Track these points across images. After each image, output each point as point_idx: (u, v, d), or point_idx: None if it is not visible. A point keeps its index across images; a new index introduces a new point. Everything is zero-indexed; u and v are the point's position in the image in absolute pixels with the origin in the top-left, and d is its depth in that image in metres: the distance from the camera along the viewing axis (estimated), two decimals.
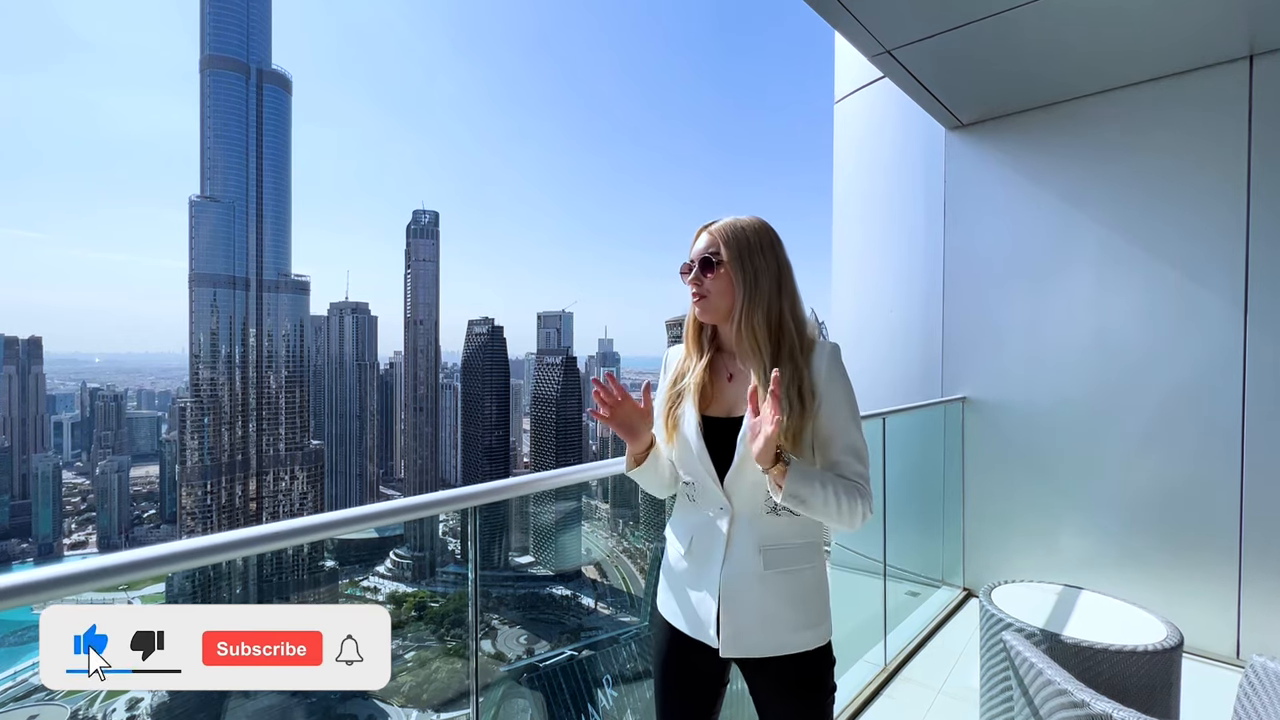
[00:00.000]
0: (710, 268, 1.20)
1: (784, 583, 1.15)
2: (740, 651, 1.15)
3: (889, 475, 2.93)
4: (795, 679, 1.16)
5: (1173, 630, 1.85)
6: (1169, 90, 2.91)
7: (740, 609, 1.14)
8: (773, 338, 1.16)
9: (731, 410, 1.21)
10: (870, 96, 4.08)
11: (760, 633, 1.14)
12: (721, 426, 1.19)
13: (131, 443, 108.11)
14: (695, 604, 1.19)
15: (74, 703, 38.01)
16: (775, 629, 1.14)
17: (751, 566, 1.14)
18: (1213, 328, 2.81)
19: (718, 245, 1.21)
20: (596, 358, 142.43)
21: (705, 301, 1.21)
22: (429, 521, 5.47)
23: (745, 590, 1.14)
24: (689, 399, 1.22)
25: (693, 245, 1.25)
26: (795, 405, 1.12)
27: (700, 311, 1.23)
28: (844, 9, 2.35)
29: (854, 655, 2.74)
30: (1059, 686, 1.31)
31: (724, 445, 1.18)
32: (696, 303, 1.23)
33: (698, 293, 1.22)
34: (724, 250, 1.19)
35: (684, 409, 1.23)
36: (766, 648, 1.14)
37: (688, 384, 1.24)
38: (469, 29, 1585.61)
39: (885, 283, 4.06)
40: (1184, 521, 2.87)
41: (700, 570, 1.19)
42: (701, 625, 1.18)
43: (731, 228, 1.20)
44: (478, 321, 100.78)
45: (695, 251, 1.23)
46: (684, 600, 1.22)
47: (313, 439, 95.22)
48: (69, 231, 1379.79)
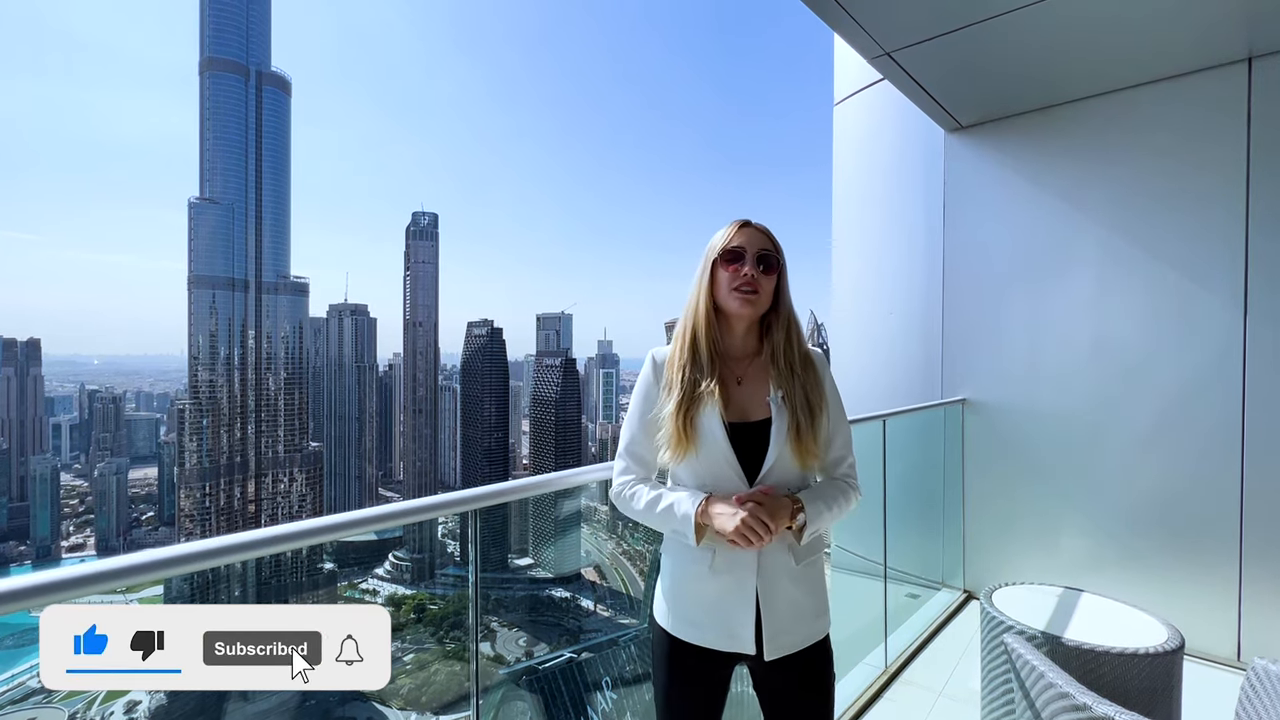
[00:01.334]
0: (768, 266, 1.21)
1: (806, 574, 1.20)
2: (780, 651, 1.16)
3: (889, 477, 2.93)
4: (812, 665, 1.19)
5: (1174, 632, 1.85)
6: (1168, 92, 2.91)
7: (778, 609, 1.16)
8: (798, 344, 1.24)
9: (747, 415, 1.21)
10: (870, 99, 4.09)
11: (794, 629, 1.17)
12: (743, 431, 1.19)
13: (130, 445, 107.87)
14: (729, 617, 1.16)
15: (72, 705, 37.81)
16: (804, 621, 1.18)
17: (784, 566, 1.17)
18: (1212, 329, 2.81)
19: (774, 246, 1.23)
20: (596, 359, 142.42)
21: (757, 298, 1.20)
22: (428, 524, 5.47)
23: (781, 590, 1.16)
24: (711, 406, 1.18)
25: (733, 235, 1.22)
26: (817, 406, 1.21)
27: (744, 305, 1.20)
28: (843, 11, 2.36)
29: (855, 658, 2.73)
30: (1061, 689, 1.31)
31: (748, 450, 1.18)
32: (747, 297, 1.19)
33: (752, 288, 1.19)
34: (779, 254, 1.23)
35: (705, 417, 1.18)
36: (798, 642, 1.18)
37: (706, 391, 1.19)
38: (469, 30, 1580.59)
39: (885, 285, 4.06)
40: (1184, 523, 2.87)
41: (732, 581, 1.16)
42: (736, 638, 1.16)
43: (771, 231, 1.24)
44: (477, 323, 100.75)
45: (750, 245, 1.21)
46: (713, 616, 1.18)
47: (312, 441, 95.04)
48: (68, 233, 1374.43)
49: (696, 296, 1.24)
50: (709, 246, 1.25)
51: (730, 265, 1.21)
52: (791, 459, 1.17)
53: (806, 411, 1.18)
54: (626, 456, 1.28)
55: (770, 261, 1.20)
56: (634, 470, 1.27)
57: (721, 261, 1.22)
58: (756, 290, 1.19)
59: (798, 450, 1.17)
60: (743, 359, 1.27)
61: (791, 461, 1.18)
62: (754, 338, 1.28)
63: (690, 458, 1.19)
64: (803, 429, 1.17)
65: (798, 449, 1.17)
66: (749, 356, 1.28)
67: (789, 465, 1.18)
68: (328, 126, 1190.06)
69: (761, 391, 1.22)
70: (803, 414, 1.18)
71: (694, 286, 1.25)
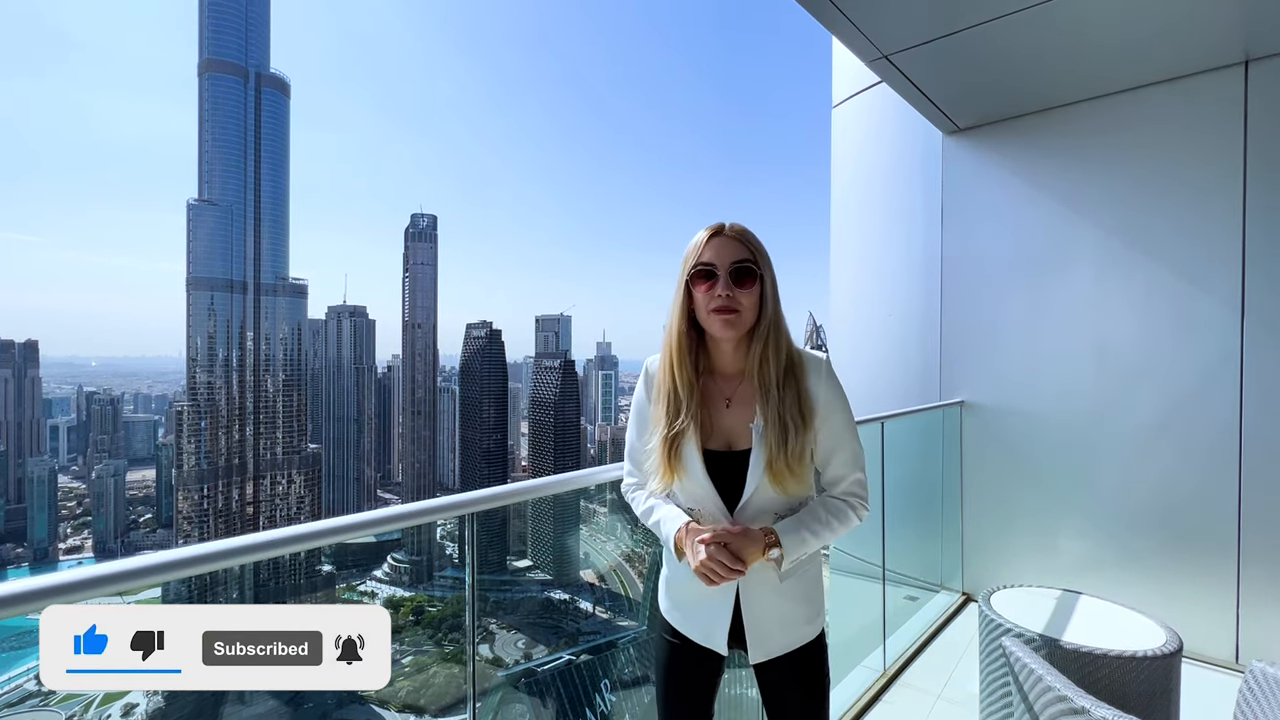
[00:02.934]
0: (745, 279, 1.09)
1: (795, 585, 1.18)
2: (766, 655, 1.17)
3: (887, 480, 2.93)
4: (804, 668, 1.19)
5: (1172, 635, 1.85)
6: (1166, 95, 2.92)
7: (762, 618, 1.16)
8: (783, 357, 1.13)
9: (731, 443, 1.16)
10: (868, 101, 4.10)
11: (780, 634, 1.17)
12: (724, 460, 1.15)
13: (128, 447, 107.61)
14: (705, 617, 1.19)
15: (69, 708, 37.71)
16: (791, 626, 1.18)
17: (767, 579, 1.15)
18: (1210, 331, 2.82)
19: (752, 254, 1.10)
20: (595, 361, 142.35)
21: (737, 318, 1.09)
22: (427, 526, 5.50)
23: (764, 601, 1.16)
24: (690, 437, 1.13)
25: (703, 249, 1.11)
26: (798, 425, 1.10)
27: (725, 328, 1.10)
28: (841, 14, 2.37)
29: (853, 660, 2.73)
30: (1059, 692, 1.31)
31: (729, 478, 1.14)
32: (726, 319, 1.09)
33: (729, 308, 1.08)
34: (759, 261, 1.11)
35: (685, 448, 1.14)
36: (785, 645, 1.17)
37: (685, 424, 1.13)
38: (468, 31, 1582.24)
39: (883, 287, 4.06)
40: (1182, 525, 2.87)
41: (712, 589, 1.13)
42: (711, 638, 1.18)
43: (752, 234, 1.13)
44: (476, 325, 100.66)
45: (721, 258, 1.09)
46: (698, 615, 1.20)
47: (310, 443, 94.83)
48: (66, 235, 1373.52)
49: (674, 317, 1.16)
50: (683, 258, 1.14)
51: (703, 284, 1.11)
52: (770, 488, 1.11)
53: (782, 438, 1.09)
54: (629, 461, 1.31)
55: (748, 272, 1.09)
56: (635, 474, 1.30)
57: (694, 280, 1.12)
58: (735, 309, 1.09)
59: (775, 481, 1.10)
60: (734, 377, 1.20)
61: (770, 490, 1.11)
62: (744, 352, 1.18)
63: (676, 485, 1.17)
64: (775, 460, 1.09)
65: (774, 478, 1.09)
66: (740, 374, 1.19)
67: (768, 494, 1.11)
68: (327, 128, 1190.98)
69: (749, 414, 1.15)
70: (776, 444, 1.09)
71: (673, 303, 1.16)
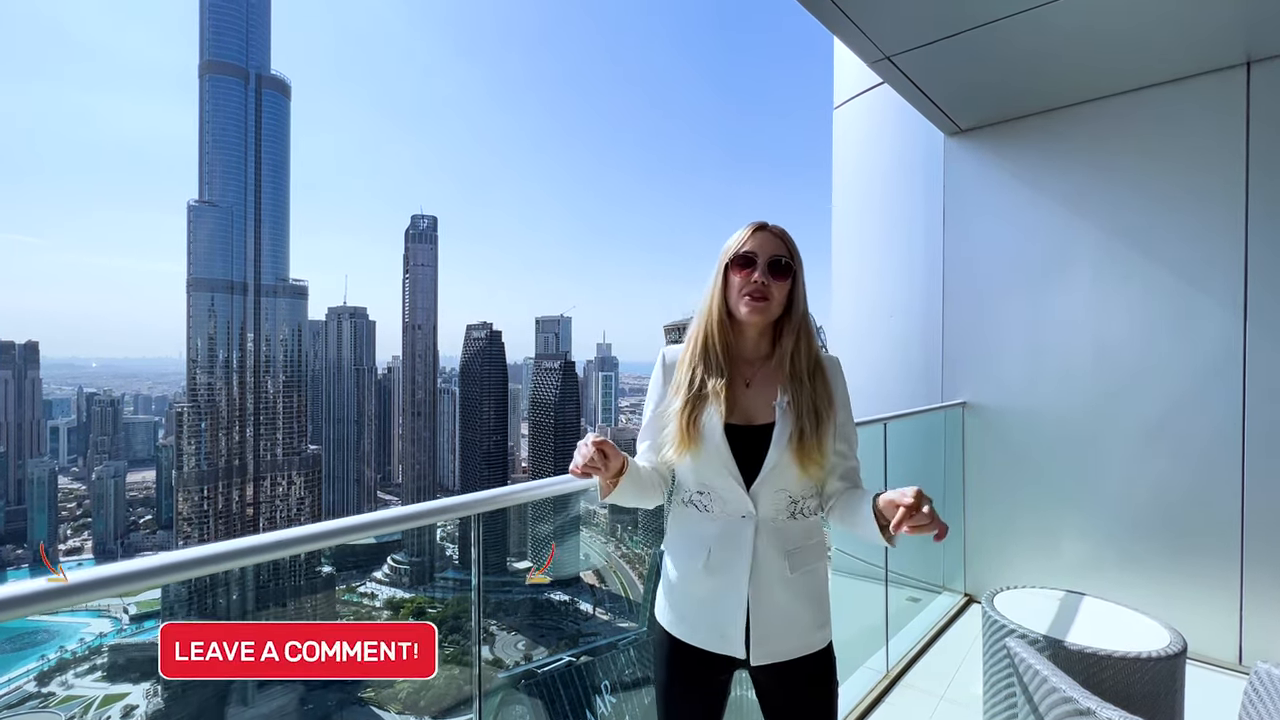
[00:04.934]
0: (781, 273, 1.19)
1: (804, 583, 1.18)
2: (768, 657, 1.15)
3: (890, 481, 2.92)
4: (812, 677, 1.18)
5: (1176, 636, 1.85)
6: (1167, 96, 2.92)
7: (768, 615, 1.15)
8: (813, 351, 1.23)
9: (751, 419, 1.20)
10: (869, 102, 4.10)
11: (786, 636, 1.16)
12: (744, 434, 1.18)
13: (128, 448, 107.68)
14: (719, 618, 1.17)
15: (68, 709, 37.72)
16: (799, 630, 1.17)
17: (778, 571, 1.16)
18: (1212, 332, 2.81)
19: (789, 251, 1.21)
20: (595, 362, 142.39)
21: (767, 305, 1.19)
22: (427, 527, 5.51)
23: (773, 596, 1.15)
24: (713, 407, 1.18)
25: (747, 240, 1.21)
26: (820, 419, 1.18)
27: (753, 312, 1.19)
28: (843, 15, 2.36)
29: (856, 662, 2.72)
30: (1064, 694, 1.31)
31: (748, 453, 1.17)
32: (756, 304, 1.18)
33: (762, 295, 1.18)
34: (795, 261, 1.21)
35: (707, 417, 1.18)
36: (791, 650, 1.16)
37: (711, 391, 1.19)
38: (468, 31, 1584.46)
39: (885, 288, 4.06)
40: (1185, 526, 2.87)
41: (724, 582, 1.16)
42: (727, 639, 1.16)
43: (791, 237, 1.22)
44: (476, 326, 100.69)
45: (762, 250, 1.19)
46: (704, 616, 1.19)
47: (310, 444, 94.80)
48: (67, 236, 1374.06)
49: (709, 299, 1.24)
50: (724, 249, 1.24)
51: (742, 270, 1.20)
52: (792, 464, 1.16)
53: (813, 418, 1.16)
54: (642, 436, 1.34)
55: (784, 267, 1.19)
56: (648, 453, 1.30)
57: (734, 266, 1.21)
58: (767, 297, 1.18)
59: (800, 457, 1.15)
60: (754, 362, 1.26)
61: (791, 467, 1.16)
62: (767, 342, 1.26)
63: (690, 456, 1.18)
64: (806, 435, 1.15)
65: (800, 455, 1.15)
66: (760, 360, 1.26)
67: (788, 470, 1.16)
68: (327, 129, 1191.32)
69: (769, 395, 1.21)
70: (808, 420, 1.16)
71: (708, 288, 1.25)
